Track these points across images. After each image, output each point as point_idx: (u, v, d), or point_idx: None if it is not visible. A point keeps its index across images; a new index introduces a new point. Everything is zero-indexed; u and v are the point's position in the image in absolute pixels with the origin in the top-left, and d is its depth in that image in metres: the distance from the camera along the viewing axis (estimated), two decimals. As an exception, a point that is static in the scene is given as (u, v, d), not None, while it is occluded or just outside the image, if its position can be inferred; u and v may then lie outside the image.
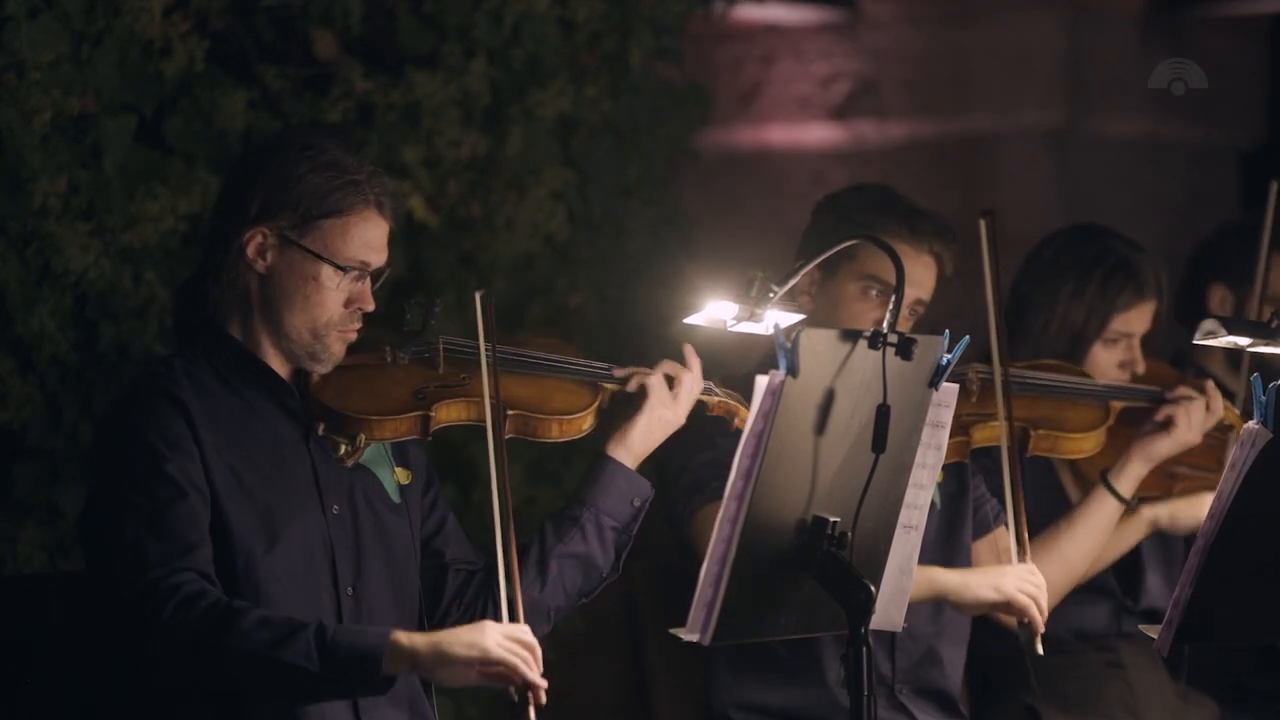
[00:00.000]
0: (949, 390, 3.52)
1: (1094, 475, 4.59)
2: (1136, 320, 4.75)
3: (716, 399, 3.91)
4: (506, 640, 3.42)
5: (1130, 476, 4.53)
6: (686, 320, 3.61)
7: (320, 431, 3.62)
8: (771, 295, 3.54)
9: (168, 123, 5.02)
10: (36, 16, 4.68)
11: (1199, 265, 5.35)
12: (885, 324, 3.35)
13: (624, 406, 3.84)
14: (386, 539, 3.67)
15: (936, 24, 7.50)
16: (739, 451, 3.27)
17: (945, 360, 3.42)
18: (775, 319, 3.55)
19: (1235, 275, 5.23)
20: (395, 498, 3.71)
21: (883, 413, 3.34)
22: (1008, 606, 4.24)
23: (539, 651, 3.44)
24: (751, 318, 3.56)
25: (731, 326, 3.59)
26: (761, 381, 3.27)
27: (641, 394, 3.81)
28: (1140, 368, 4.74)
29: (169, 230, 4.90)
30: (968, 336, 3.56)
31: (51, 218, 4.72)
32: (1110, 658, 4.76)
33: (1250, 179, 7.84)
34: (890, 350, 3.33)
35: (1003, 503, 4.54)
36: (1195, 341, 3.80)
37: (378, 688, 3.41)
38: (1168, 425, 4.51)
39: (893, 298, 3.43)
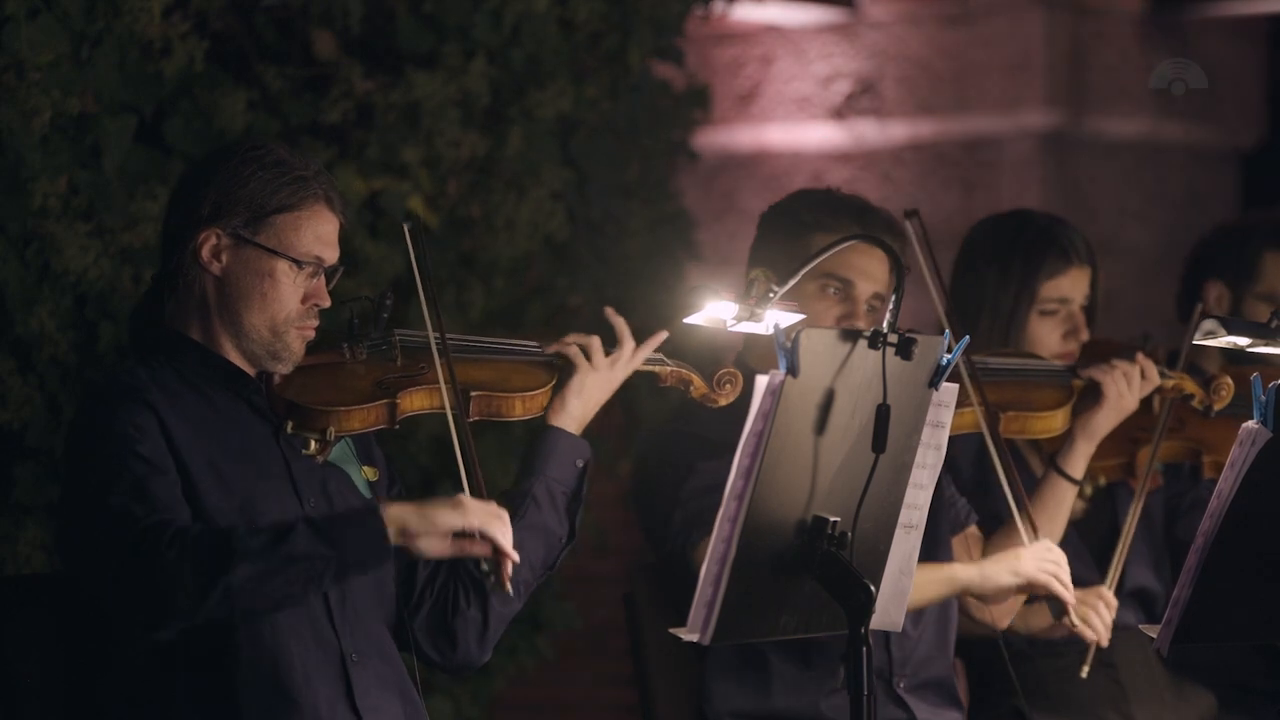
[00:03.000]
0: (949, 390, 3.52)
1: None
2: (1069, 286, 4.74)
3: (668, 369, 3.96)
4: (484, 509, 3.51)
5: (1077, 456, 4.54)
6: (686, 320, 3.61)
7: (289, 429, 3.64)
8: (771, 295, 3.54)
9: (168, 123, 5.03)
10: (36, 16, 4.68)
11: (1195, 263, 5.35)
12: (885, 324, 3.36)
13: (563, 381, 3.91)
14: None
15: (936, 24, 7.50)
16: (739, 451, 3.28)
17: (945, 360, 3.43)
18: (775, 319, 3.55)
19: (1231, 271, 5.23)
20: (366, 493, 3.74)
21: (883, 413, 3.34)
22: (1030, 587, 4.30)
23: (508, 520, 3.53)
24: (751, 318, 3.55)
25: (731, 326, 3.59)
26: (761, 381, 3.28)
27: (567, 363, 3.88)
28: (1084, 335, 4.73)
29: (169, 230, 4.90)
30: (968, 336, 3.56)
31: (51, 218, 4.72)
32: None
33: (1250, 179, 7.85)
34: (890, 350, 3.34)
35: (974, 501, 4.57)
36: (1195, 341, 3.80)
37: (386, 554, 3.47)
38: (1099, 398, 4.52)
39: (892, 297, 3.44)
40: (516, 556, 3.52)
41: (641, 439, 4.54)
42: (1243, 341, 3.79)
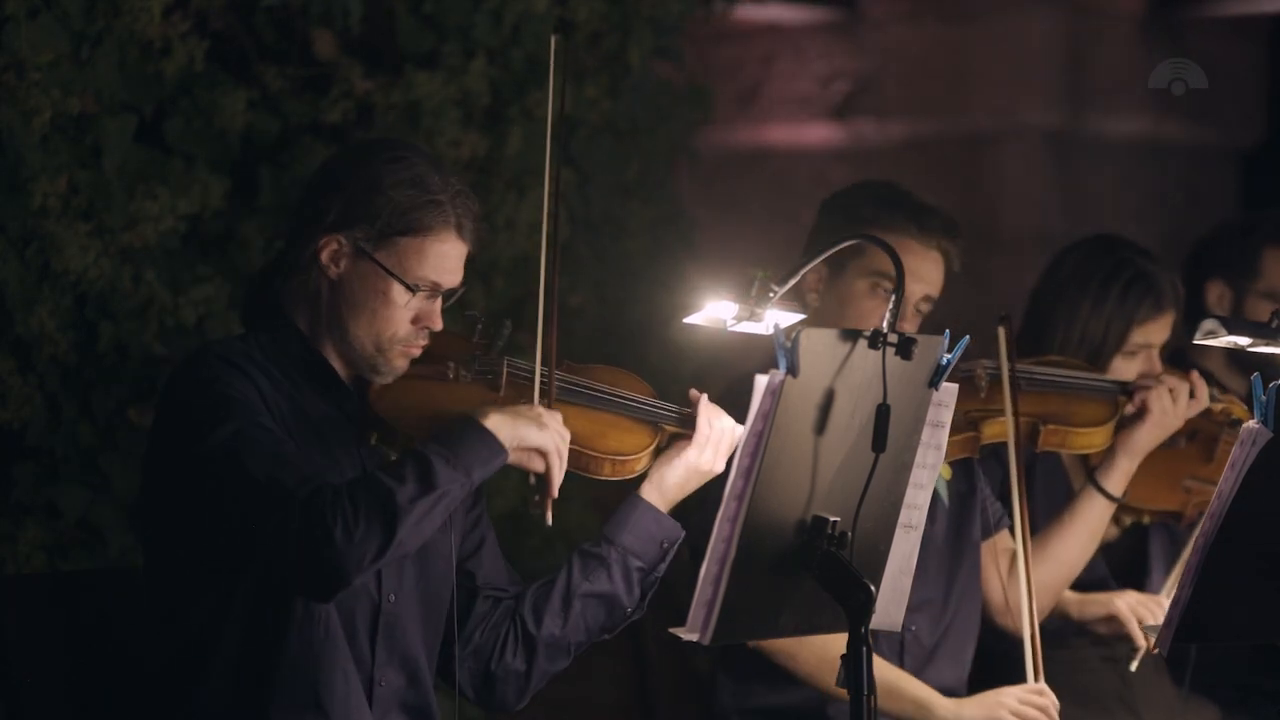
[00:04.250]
0: (949, 390, 3.52)
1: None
2: (1155, 332, 4.75)
3: None
4: (559, 433, 3.53)
5: (1118, 473, 4.52)
6: (686, 320, 3.60)
7: (373, 442, 3.60)
8: (772, 295, 3.53)
9: (168, 123, 5.03)
10: (36, 16, 4.68)
11: (1196, 262, 5.36)
12: (885, 323, 3.35)
13: (671, 448, 3.79)
14: (425, 551, 3.64)
15: (936, 23, 7.50)
16: (739, 451, 3.27)
17: (945, 360, 3.42)
18: (775, 319, 3.55)
19: (1233, 270, 5.24)
20: None
21: (883, 412, 3.34)
22: None
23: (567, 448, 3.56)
24: (751, 318, 3.55)
25: (731, 326, 3.58)
26: (761, 381, 3.27)
27: (686, 438, 3.76)
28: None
29: (169, 230, 4.90)
30: (968, 337, 3.55)
31: (51, 218, 4.72)
32: (1109, 653, 4.77)
33: (1250, 179, 7.85)
34: (890, 350, 3.33)
35: (1007, 508, 4.56)
36: (1195, 341, 3.80)
37: (504, 459, 3.49)
38: (1142, 414, 4.51)
39: (893, 296, 3.43)
40: (550, 501, 3.53)
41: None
42: (1243, 341, 3.78)
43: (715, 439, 3.75)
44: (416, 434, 3.55)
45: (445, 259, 3.60)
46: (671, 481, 3.77)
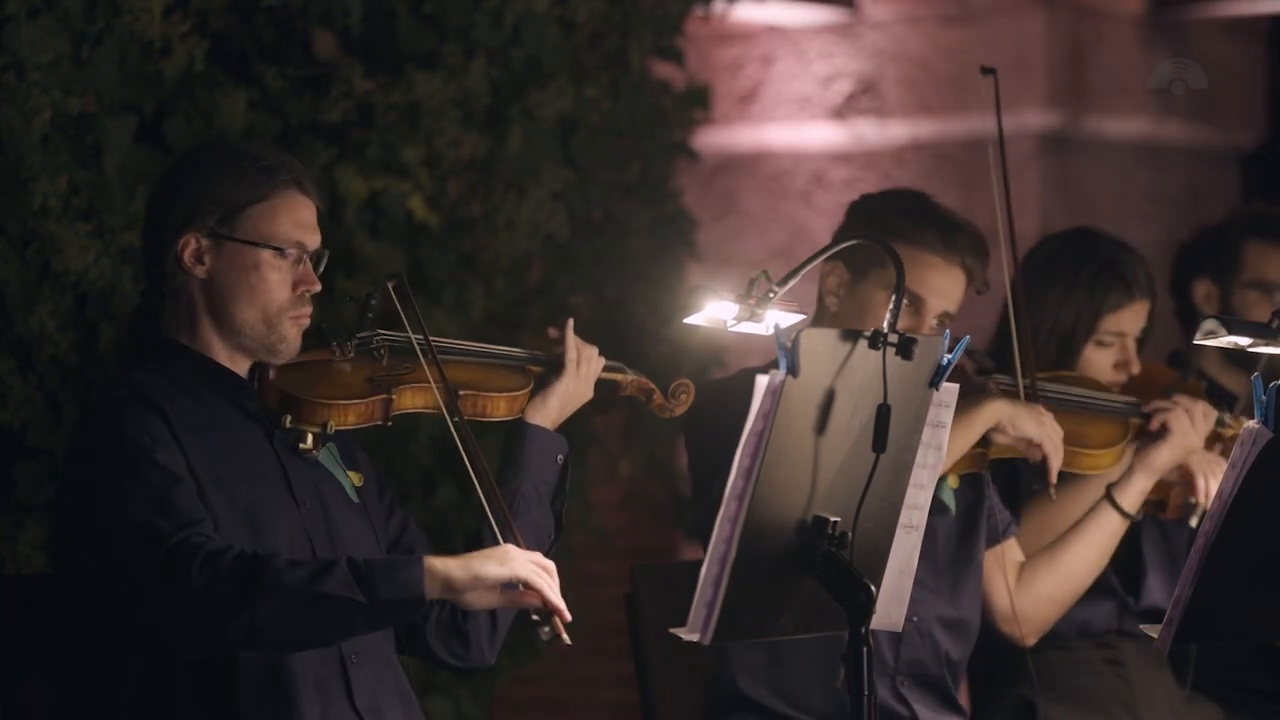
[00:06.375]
0: (949, 390, 3.52)
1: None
2: (1128, 320, 4.74)
3: (629, 378, 4.04)
4: (531, 562, 3.51)
5: (1135, 491, 4.51)
6: (686, 320, 3.61)
7: (287, 423, 3.64)
8: (772, 295, 3.54)
9: (168, 123, 5.02)
10: (36, 16, 4.68)
11: (1182, 265, 5.37)
12: (885, 323, 3.35)
13: (542, 384, 3.96)
14: (355, 535, 3.71)
15: (936, 24, 7.50)
16: (739, 451, 3.28)
17: (946, 360, 3.42)
18: (775, 319, 3.55)
19: (1215, 266, 5.25)
20: (354, 498, 3.75)
21: (883, 412, 3.34)
22: (1035, 448, 4.29)
23: (556, 575, 3.55)
24: (752, 318, 3.55)
25: (731, 326, 3.59)
26: (762, 381, 3.27)
27: (558, 368, 3.93)
28: (1135, 368, 4.73)
29: (169, 230, 4.90)
30: (968, 336, 3.55)
31: (51, 218, 4.72)
32: (1111, 655, 4.76)
33: (1250, 179, 7.85)
34: (890, 350, 3.34)
35: (1010, 506, 4.55)
36: (1195, 341, 3.79)
37: (417, 613, 3.50)
38: (1164, 433, 4.50)
39: (893, 297, 3.43)
40: (565, 612, 3.52)
41: (704, 386, 4.44)
42: (1243, 341, 3.78)
43: (584, 364, 3.93)
44: (329, 403, 3.65)
45: (299, 216, 3.66)
46: (553, 406, 3.91)
